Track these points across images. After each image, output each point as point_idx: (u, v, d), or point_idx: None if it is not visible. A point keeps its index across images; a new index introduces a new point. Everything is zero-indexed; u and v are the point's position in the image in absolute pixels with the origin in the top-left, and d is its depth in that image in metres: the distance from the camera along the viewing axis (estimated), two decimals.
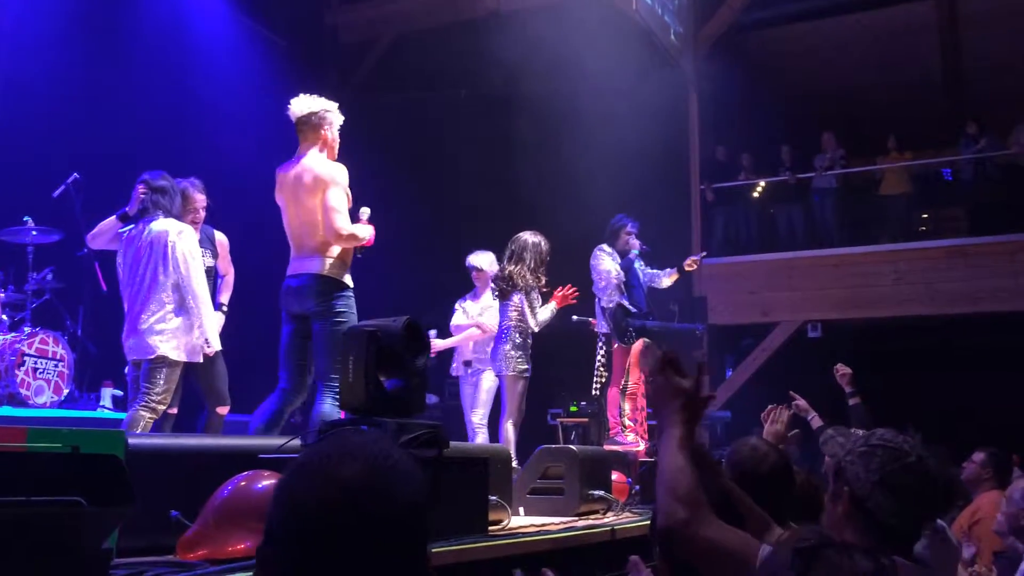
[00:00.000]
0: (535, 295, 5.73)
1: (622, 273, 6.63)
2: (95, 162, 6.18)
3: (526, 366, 5.62)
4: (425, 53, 10.39)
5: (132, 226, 4.53)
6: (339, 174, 4.11)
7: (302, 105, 4.22)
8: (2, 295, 5.76)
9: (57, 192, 5.71)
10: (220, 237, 5.29)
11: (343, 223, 4.05)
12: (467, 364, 6.45)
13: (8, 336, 5.58)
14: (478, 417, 6.19)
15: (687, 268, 7.10)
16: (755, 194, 10.92)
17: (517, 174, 9.07)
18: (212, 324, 4.57)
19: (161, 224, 4.45)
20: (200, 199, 5.01)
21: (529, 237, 5.80)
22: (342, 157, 4.43)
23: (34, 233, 5.93)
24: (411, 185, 9.47)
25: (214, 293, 5.17)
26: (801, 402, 4.46)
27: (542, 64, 9.01)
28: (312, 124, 4.20)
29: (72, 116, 7.05)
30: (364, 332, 3.07)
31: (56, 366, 5.68)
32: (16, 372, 5.44)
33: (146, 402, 4.25)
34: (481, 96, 10.19)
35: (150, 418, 4.25)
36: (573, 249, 7.22)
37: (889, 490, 1.94)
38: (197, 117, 7.94)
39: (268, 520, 1.08)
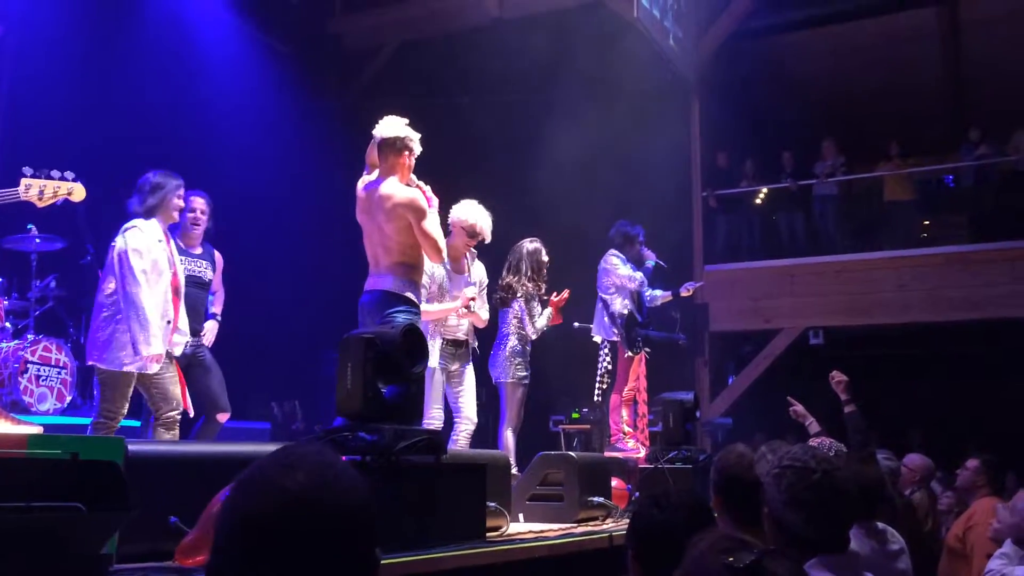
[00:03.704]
0: (535, 303, 5.77)
1: (645, 280, 6.65)
2: (99, 170, 6.21)
3: (525, 373, 5.64)
4: (428, 60, 10.45)
5: None
6: (419, 199, 4.26)
7: (390, 128, 4.32)
8: (6, 303, 5.79)
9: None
10: (218, 256, 5.36)
11: (443, 245, 4.33)
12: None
13: (12, 343, 5.62)
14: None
15: (683, 294, 7.12)
16: (757, 201, 10.94)
17: (519, 180, 9.10)
18: (150, 331, 4.20)
19: (126, 224, 4.37)
20: (197, 204, 5.10)
21: (527, 245, 5.85)
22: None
23: (37, 241, 5.97)
24: None
25: (207, 306, 5.23)
26: (799, 408, 4.49)
27: (544, 70, 9.05)
28: (396, 148, 4.30)
29: (76, 124, 7.09)
30: (362, 339, 3.09)
31: (59, 373, 5.71)
32: (20, 379, 5.48)
33: (99, 412, 4.27)
34: (484, 103, 10.23)
35: (106, 431, 4.21)
36: (575, 255, 7.24)
37: (797, 508, 2.07)
38: (203, 125, 7.98)
39: (216, 535, 1.09)
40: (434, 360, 5.02)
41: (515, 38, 8.95)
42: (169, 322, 4.37)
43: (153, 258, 4.29)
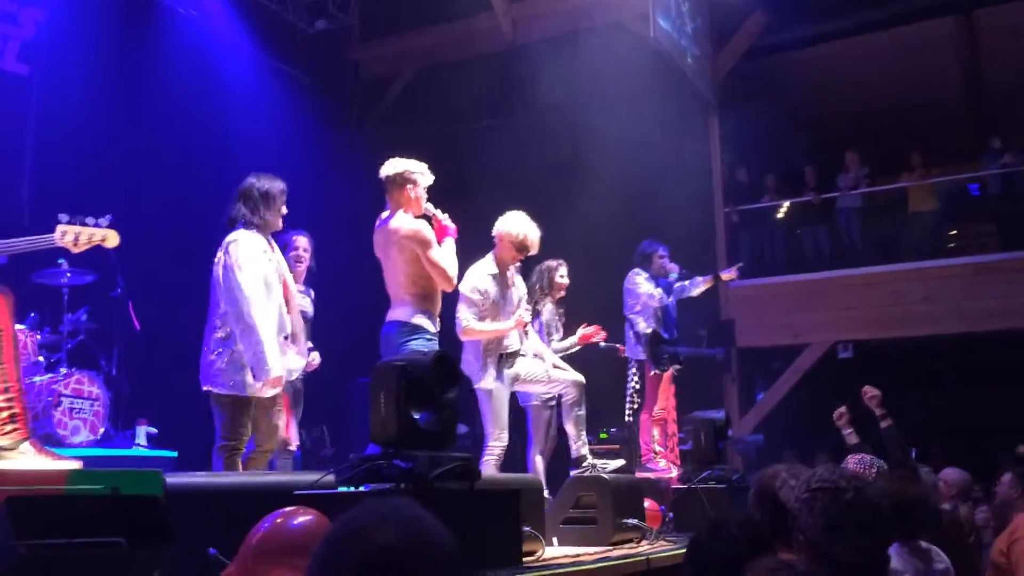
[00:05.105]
0: (553, 319, 5.81)
1: (665, 296, 6.62)
2: (127, 203, 6.30)
3: (551, 395, 5.61)
4: (445, 86, 10.52)
5: None
6: (424, 230, 4.34)
7: (391, 166, 4.45)
8: (39, 337, 5.85)
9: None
10: (312, 294, 5.50)
11: (452, 274, 4.38)
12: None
13: (45, 377, 5.67)
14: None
15: (724, 277, 7.07)
16: (779, 215, 10.89)
17: (539, 203, 9.11)
18: (267, 352, 3.91)
19: (227, 238, 4.09)
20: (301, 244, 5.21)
21: (544, 263, 5.88)
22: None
23: (68, 275, 6.04)
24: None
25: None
26: (844, 416, 4.37)
27: (560, 93, 9.08)
28: (398, 183, 4.41)
29: (104, 158, 7.20)
30: (394, 367, 3.09)
31: (92, 405, 5.76)
32: (53, 412, 5.52)
33: (221, 435, 3.96)
34: (501, 126, 10.28)
35: (228, 457, 3.91)
36: (599, 275, 7.22)
37: (834, 530, 2.00)
38: (226, 156, 8.07)
39: None
40: (489, 381, 4.81)
41: (531, 62, 9.00)
42: (287, 337, 4.08)
43: (261, 271, 4.01)
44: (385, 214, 4.48)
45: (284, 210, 4.26)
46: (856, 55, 11.00)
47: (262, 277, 3.99)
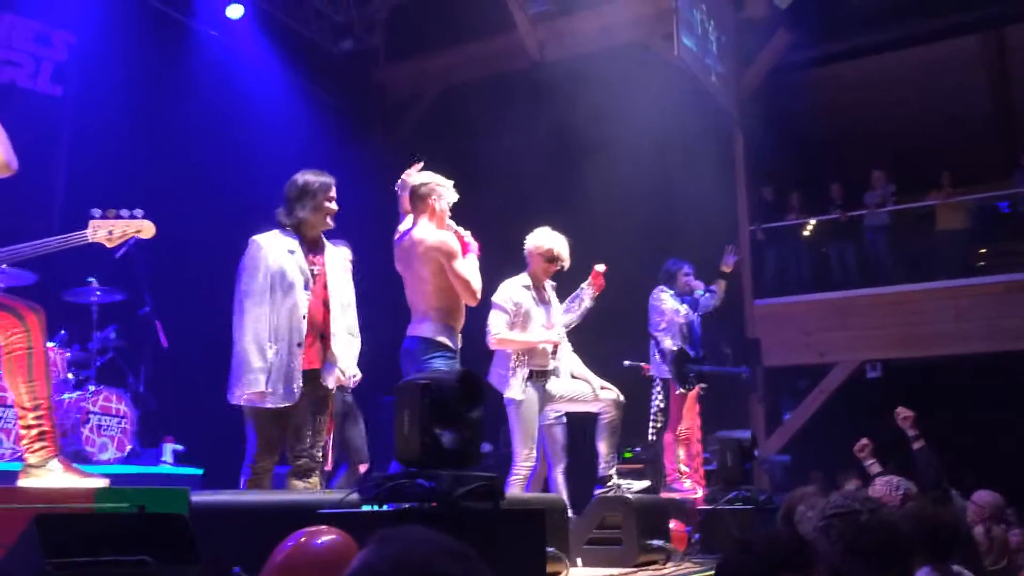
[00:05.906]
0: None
1: (690, 312, 6.58)
2: (156, 222, 6.35)
3: (559, 412, 5.56)
4: (470, 105, 10.58)
5: None
6: (450, 241, 4.29)
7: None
8: (68, 354, 5.93)
9: (119, 253, 5.88)
10: None
11: (476, 287, 4.28)
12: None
13: (74, 394, 5.73)
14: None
15: (724, 270, 6.99)
16: (805, 233, 10.82)
17: (564, 221, 9.11)
18: (247, 363, 3.74)
19: None
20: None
21: None
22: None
23: (98, 293, 6.12)
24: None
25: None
26: (866, 448, 4.33)
27: (585, 111, 9.09)
28: (421, 195, 4.38)
29: (134, 178, 7.28)
30: (417, 385, 3.09)
31: (119, 423, 5.81)
32: (81, 430, 5.58)
33: (246, 455, 3.83)
34: (526, 145, 10.29)
35: (252, 478, 3.79)
36: (623, 294, 7.18)
37: (854, 555, 1.99)
38: (253, 175, 8.16)
39: None
40: (518, 392, 4.73)
41: (556, 81, 9.03)
42: (300, 344, 3.78)
43: (274, 271, 3.81)
44: (403, 227, 4.45)
45: (332, 206, 4.03)
46: (882, 73, 10.94)
47: (267, 280, 3.81)
